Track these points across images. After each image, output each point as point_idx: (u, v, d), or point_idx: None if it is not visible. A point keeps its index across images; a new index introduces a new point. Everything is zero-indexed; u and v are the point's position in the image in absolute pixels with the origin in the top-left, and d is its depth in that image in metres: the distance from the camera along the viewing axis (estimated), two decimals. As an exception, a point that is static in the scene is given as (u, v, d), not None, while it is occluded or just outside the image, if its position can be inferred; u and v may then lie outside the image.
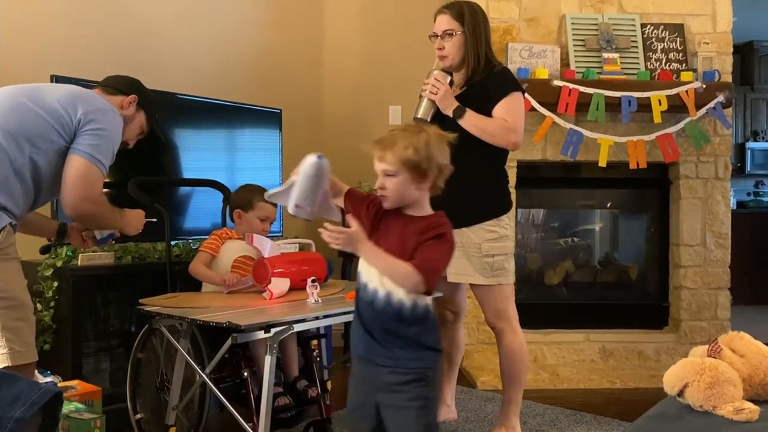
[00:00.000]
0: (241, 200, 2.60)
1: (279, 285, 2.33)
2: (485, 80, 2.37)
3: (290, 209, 1.63)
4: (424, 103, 2.38)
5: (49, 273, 2.53)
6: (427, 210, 1.60)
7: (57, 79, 2.60)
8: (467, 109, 2.32)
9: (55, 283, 2.54)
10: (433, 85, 2.34)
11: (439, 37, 2.40)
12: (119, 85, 2.15)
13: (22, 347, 1.79)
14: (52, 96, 1.90)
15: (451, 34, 2.37)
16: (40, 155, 1.84)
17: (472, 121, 2.31)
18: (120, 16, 3.31)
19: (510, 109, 2.34)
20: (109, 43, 3.23)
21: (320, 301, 2.24)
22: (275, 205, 2.56)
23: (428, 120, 2.34)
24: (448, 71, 2.41)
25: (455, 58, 2.39)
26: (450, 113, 2.33)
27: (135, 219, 2.17)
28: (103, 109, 1.94)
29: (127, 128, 2.11)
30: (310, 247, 2.70)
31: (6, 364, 1.77)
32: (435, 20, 2.44)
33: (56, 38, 3.05)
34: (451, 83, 2.38)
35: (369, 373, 1.58)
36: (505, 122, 2.31)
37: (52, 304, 2.54)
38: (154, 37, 3.43)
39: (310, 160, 1.57)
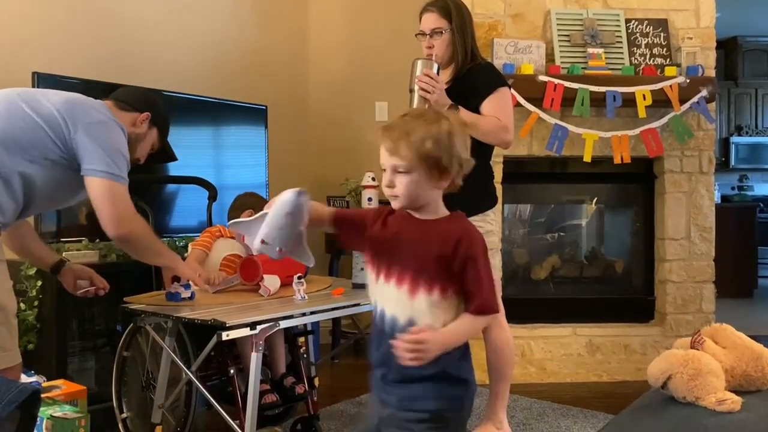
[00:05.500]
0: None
1: (271, 282, 2.32)
2: (470, 75, 2.36)
3: (254, 245, 1.34)
4: (416, 99, 2.27)
5: (32, 272, 2.50)
6: (441, 211, 1.35)
7: (38, 76, 2.58)
8: (460, 107, 2.29)
9: (39, 282, 2.52)
10: (427, 83, 2.22)
11: (428, 36, 2.38)
12: (133, 101, 2.02)
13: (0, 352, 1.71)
14: (49, 101, 1.79)
15: (440, 32, 2.35)
16: (34, 165, 1.75)
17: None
18: (103, 12, 3.28)
19: (500, 106, 2.32)
20: (93, 39, 3.20)
21: (307, 297, 2.24)
22: None
23: None
24: (433, 60, 2.31)
25: (444, 56, 2.38)
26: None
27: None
28: (102, 120, 1.83)
29: (138, 146, 2.01)
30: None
31: None
32: (420, 18, 2.42)
33: (38, 35, 3.02)
34: (437, 71, 2.34)
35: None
36: (498, 121, 2.29)
37: (35, 303, 2.52)
38: (138, 34, 3.40)
39: (287, 196, 1.29)
